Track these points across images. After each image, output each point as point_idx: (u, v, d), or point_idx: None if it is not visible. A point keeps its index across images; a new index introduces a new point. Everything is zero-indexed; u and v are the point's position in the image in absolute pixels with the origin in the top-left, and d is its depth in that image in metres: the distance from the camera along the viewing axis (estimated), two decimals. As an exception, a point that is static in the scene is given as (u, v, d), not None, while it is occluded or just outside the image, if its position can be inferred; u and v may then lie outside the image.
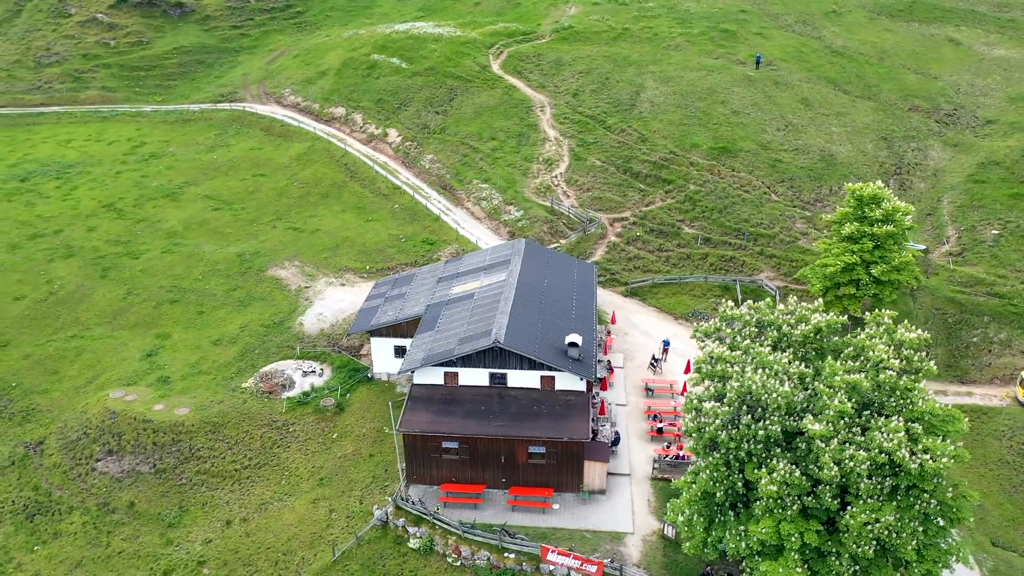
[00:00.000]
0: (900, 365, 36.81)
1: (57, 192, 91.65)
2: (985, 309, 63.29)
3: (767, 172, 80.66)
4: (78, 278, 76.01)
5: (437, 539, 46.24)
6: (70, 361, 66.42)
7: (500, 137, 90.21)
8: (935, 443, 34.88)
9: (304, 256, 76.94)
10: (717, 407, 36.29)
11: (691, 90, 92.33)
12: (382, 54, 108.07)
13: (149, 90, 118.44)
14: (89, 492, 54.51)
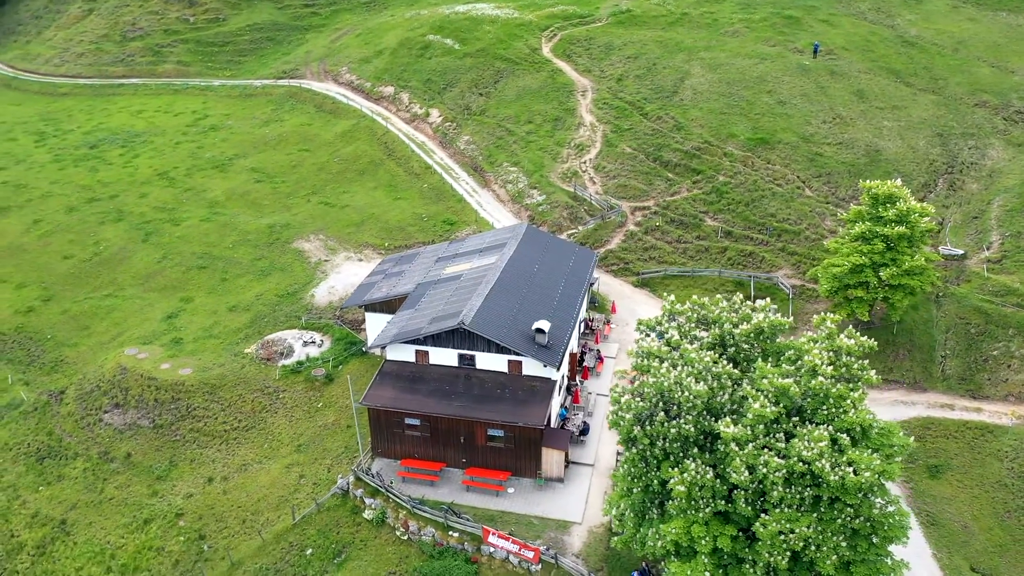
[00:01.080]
0: (836, 372, 35.05)
1: (120, 159, 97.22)
2: (1012, 321, 59.04)
3: (804, 166, 77.35)
4: (122, 241, 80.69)
5: (389, 512, 47.23)
6: (100, 318, 70.80)
7: (537, 120, 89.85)
8: (860, 456, 33.21)
9: (329, 230, 79.12)
10: (631, 401, 35.59)
11: (739, 78, 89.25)
12: (438, 35, 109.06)
13: (221, 65, 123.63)
14: (94, 441, 58.21)
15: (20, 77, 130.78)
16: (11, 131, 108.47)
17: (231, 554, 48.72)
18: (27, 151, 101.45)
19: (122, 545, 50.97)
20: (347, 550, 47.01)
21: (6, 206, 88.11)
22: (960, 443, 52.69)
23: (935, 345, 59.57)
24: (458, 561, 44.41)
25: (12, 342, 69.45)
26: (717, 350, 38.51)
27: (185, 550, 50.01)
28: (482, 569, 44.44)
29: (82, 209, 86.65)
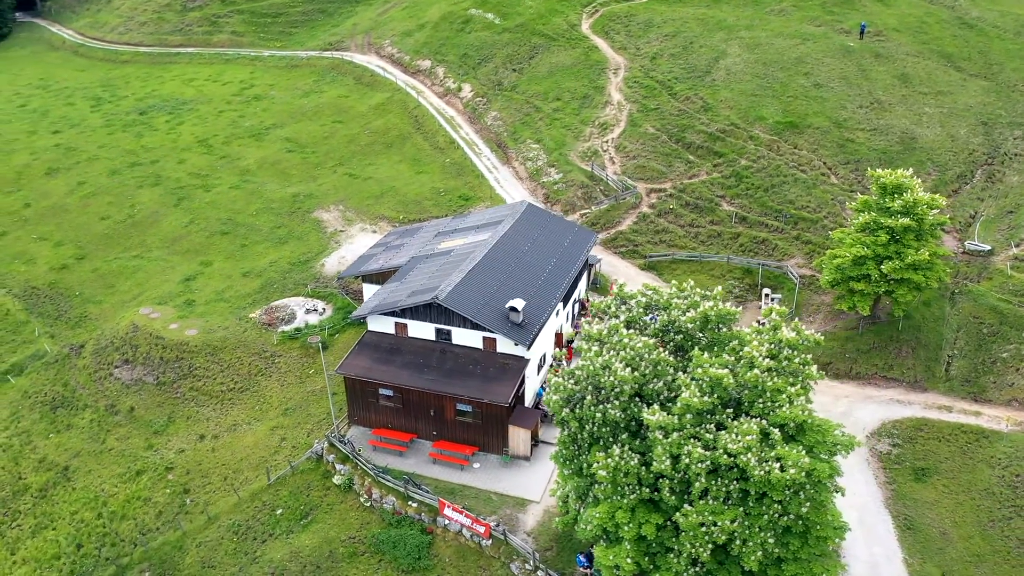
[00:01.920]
0: (772, 364, 34.07)
1: (165, 126, 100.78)
2: (1028, 323, 56.04)
3: (833, 152, 74.56)
4: (156, 205, 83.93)
5: (356, 479, 48.37)
6: (126, 278, 74.03)
7: (565, 98, 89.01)
8: (788, 452, 32.35)
9: (350, 201, 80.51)
10: (560, 383, 35.42)
11: (776, 59, 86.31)
12: (480, 9, 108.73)
13: (272, 36, 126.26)
14: (103, 394, 61.25)
15: (87, 44, 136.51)
16: (71, 96, 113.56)
17: (209, 509, 50.80)
18: (83, 115, 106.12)
19: (114, 493, 53.69)
20: (314, 512, 48.42)
21: (56, 168, 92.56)
22: (952, 447, 50.52)
23: (942, 344, 57.03)
24: (414, 531, 45.26)
25: (44, 297, 73.32)
26: (666, 336, 37.85)
27: (169, 502, 52.36)
28: (436, 540, 45.18)
29: (124, 173, 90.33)
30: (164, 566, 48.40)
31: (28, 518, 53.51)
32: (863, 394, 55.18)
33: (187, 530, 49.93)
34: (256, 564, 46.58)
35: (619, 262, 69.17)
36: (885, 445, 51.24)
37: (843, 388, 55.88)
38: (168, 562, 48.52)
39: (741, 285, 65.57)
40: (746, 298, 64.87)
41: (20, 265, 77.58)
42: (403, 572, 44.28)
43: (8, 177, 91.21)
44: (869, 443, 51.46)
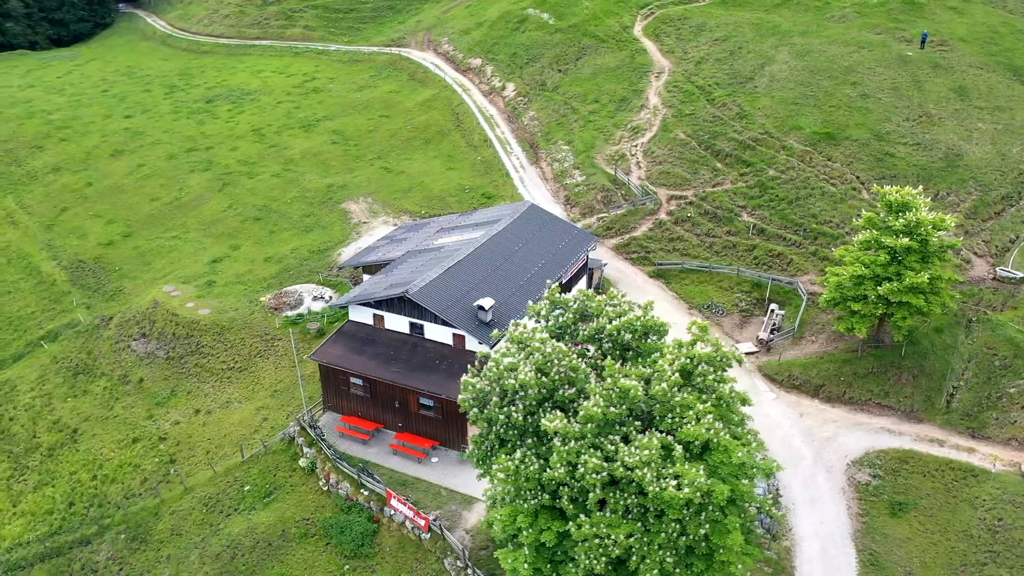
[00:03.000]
0: (677, 380, 33.09)
1: (226, 115, 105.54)
2: (1044, 358, 52.12)
3: (869, 166, 71.14)
4: (202, 189, 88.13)
5: (319, 463, 49.70)
6: (161, 256, 78.14)
7: (603, 100, 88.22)
8: (687, 470, 31.46)
9: (378, 194, 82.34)
10: (468, 382, 35.46)
11: (825, 67, 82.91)
12: (537, 8, 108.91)
13: (342, 31, 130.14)
14: (119, 364, 64.96)
15: (175, 35, 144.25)
16: (150, 83, 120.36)
17: (187, 480, 53.24)
18: (155, 102, 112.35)
19: (110, 458, 56.97)
20: (277, 492, 50.06)
21: (121, 150, 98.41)
22: (936, 483, 47.63)
23: (948, 373, 53.68)
24: (361, 518, 46.18)
25: (88, 270, 78.23)
26: (594, 344, 37.32)
27: (156, 470, 55.16)
28: (381, 529, 45.96)
29: (180, 157, 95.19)
30: (138, 530, 51.08)
31: (33, 474, 57.44)
32: (853, 420, 52.65)
33: (165, 498, 52.49)
34: (217, 536, 48.57)
35: (628, 268, 68.22)
36: (865, 475, 48.80)
37: (833, 412, 53.50)
38: (143, 527, 51.17)
39: (748, 299, 63.63)
40: (752, 312, 62.97)
41: (73, 239, 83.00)
42: (345, 557, 45.30)
43: (78, 157, 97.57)
44: (848, 472, 49.13)
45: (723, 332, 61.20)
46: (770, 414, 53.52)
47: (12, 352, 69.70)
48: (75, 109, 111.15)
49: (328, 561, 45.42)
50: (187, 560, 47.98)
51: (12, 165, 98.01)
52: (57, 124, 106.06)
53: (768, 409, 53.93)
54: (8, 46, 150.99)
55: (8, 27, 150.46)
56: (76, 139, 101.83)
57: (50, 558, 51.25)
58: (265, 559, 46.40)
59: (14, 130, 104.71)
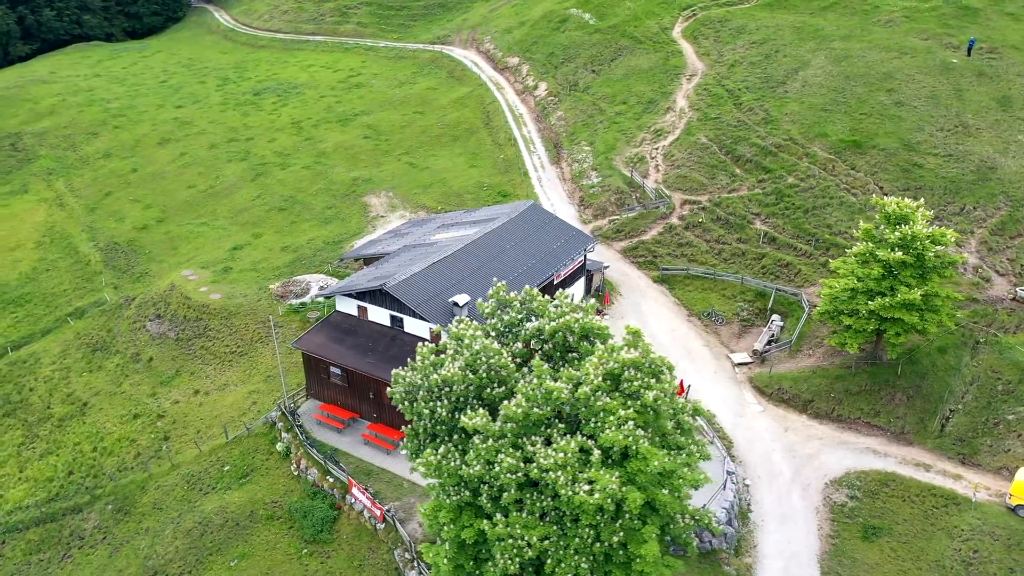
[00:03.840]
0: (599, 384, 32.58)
1: (270, 107, 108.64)
2: (1049, 385, 49.17)
3: (894, 176, 68.32)
4: (236, 178, 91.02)
5: (293, 448, 50.80)
6: (188, 242, 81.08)
7: (631, 102, 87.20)
8: (600, 475, 31.02)
9: (399, 189, 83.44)
10: (398, 375, 35.69)
11: (862, 73, 79.95)
12: (580, 8, 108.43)
13: (392, 28, 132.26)
14: (133, 343, 67.74)
15: (236, 29, 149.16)
16: (206, 75, 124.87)
17: (175, 457, 55.17)
18: (207, 93, 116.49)
19: (111, 432, 59.50)
20: (253, 474, 51.38)
21: (168, 138, 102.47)
22: (915, 509, 45.52)
23: (945, 395, 51.19)
24: (324, 505, 47.02)
25: (121, 252, 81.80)
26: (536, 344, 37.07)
27: (150, 446, 57.35)
28: (341, 517, 46.69)
29: (220, 147, 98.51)
30: (124, 502, 53.22)
31: (42, 443, 60.48)
32: (838, 438, 50.75)
33: (153, 473, 54.53)
34: (192, 513, 50.18)
35: (633, 271, 67.35)
36: (842, 496, 47.03)
37: (819, 429, 51.69)
38: (129, 499, 53.29)
39: (751, 308, 62.04)
40: (753, 322, 61.37)
41: (112, 222, 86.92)
42: (305, 541, 46.20)
43: (127, 144, 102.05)
44: (826, 491, 47.42)
45: (720, 341, 59.87)
46: (754, 427, 52.09)
47: (42, 327, 73.45)
48: (132, 99, 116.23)
49: (288, 544, 46.41)
50: (162, 534, 49.73)
51: (68, 150, 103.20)
52: (113, 112, 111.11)
53: (753, 422, 52.50)
54: (85, 37, 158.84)
55: (86, 19, 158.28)
56: (129, 127, 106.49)
57: (44, 523, 53.88)
58: (231, 538, 47.71)
59: (74, 117, 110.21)
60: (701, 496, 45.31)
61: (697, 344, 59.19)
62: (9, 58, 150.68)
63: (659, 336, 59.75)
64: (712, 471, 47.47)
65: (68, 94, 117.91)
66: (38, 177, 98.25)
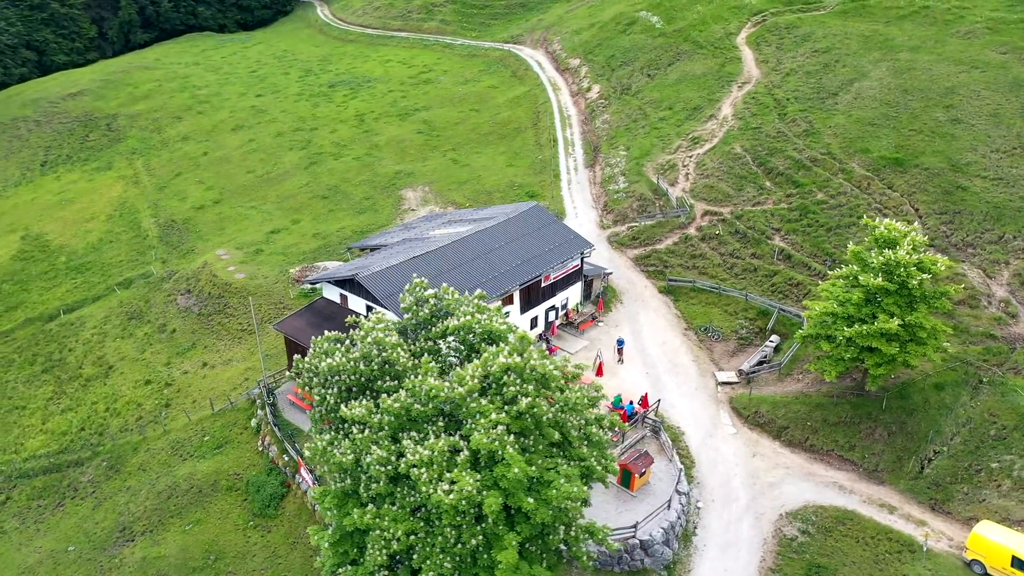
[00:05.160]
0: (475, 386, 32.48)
1: (340, 99, 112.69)
2: (1045, 434, 44.89)
3: (933, 198, 63.87)
4: (292, 166, 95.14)
5: (263, 425, 53.00)
6: (234, 223, 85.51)
7: (676, 108, 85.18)
8: (461, 477, 31.08)
9: (436, 184, 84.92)
10: (299, 361, 36.68)
11: (922, 86, 75.02)
12: (649, 11, 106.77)
13: (473, 27, 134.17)
14: (163, 314, 72.27)
15: (331, 24, 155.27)
16: (290, 67, 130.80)
17: (168, 423, 58.61)
18: (287, 83, 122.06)
19: (124, 395, 63.81)
20: (226, 446, 53.97)
21: (241, 125, 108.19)
22: (867, 552, 42.65)
23: (930, 435, 47.56)
24: (276, 482, 48.87)
25: (176, 229, 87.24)
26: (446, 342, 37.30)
27: (152, 411, 61.15)
28: (289, 495, 48.37)
29: (285, 135, 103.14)
30: (116, 461, 57.05)
31: (66, 399, 65.56)
32: (806, 469, 48.14)
33: (147, 436, 58.20)
34: (167, 477, 53.28)
35: (641, 280, 65.98)
36: (794, 529, 44.64)
37: (789, 458, 49.17)
38: (120, 458, 57.09)
39: (751, 327, 59.63)
40: (751, 341, 58.97)
41: (175, 201, 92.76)
42: (253, 515, 48.20)
43: (205, 129, 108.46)
44: (778, 523, 45.14)
45: (711, 357, 57.85)
46: (721, 449, 50.15)
47: (94, 293, 79.39)
48: (221, 86, 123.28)
49: (239, 515, 48.53)
50: (139, 493, 53.05)
51: (153, 132, 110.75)
52: (200, 99, 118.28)
53: (722, 444, 50.55)
54: (200, 28, 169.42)
55: (200, 11, 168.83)
56: (210, 113, 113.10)
57: (50, 472, 58.48)
58: (192, 503, 50.35)
59: (165, 102, 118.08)
60: (641, 512, 44.33)
61: (686, 359, 57.43)
62: (130, 45, 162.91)
63: (649, 348, 58.47)
64: (661, 489, 46.62)
65: (165, 80, 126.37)
66: (122, 156, 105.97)
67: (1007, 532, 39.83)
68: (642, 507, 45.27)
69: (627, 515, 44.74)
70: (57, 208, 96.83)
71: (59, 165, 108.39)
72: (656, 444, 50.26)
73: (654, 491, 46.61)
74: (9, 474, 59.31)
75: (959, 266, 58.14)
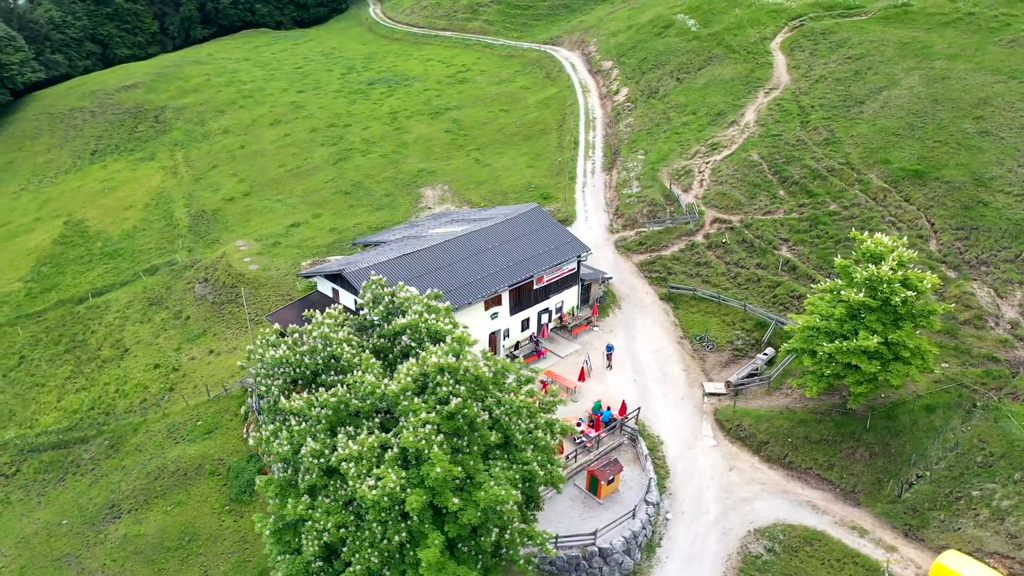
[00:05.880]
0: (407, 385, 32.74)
1: (377, 97, 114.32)
2: (1031, 464, 42.84)
3: (951, 213, 61.54)
4: (321, 161, 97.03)
5: (249, 413, 54.35)
6: (259, 215, 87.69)
7: (700, 112, 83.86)
8: (386, 473, 31.48)
9: (455, 183, 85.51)
10: (251, 349, 37.49)
11: (955, 96, 72.21)
12: (687, 14, 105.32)
13: (515, 27, 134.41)
14: (180, 301, 74.66)
15: (380, 23, 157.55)
16: (335, 64, 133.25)
17: (168, 407, 60.59)
18: (329, 80, 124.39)
19: (134, 377, 66.17)
20: (216, 432, 55.54)
21: (279, 120, 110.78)
22: (831, 575, 41.40)
23: (914, 459, 45.86)
24: (254, 469, 50.06)
25: (205, 220, 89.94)
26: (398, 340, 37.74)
27: (156, 394, 63.28)
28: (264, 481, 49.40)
29: (319, 131, 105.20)
30: (117, 441, 59.26)
31: (82, 379, 68.35)
32: (781, 487, 46.99)
33: (147, 419, 60.26)
34: (158, 458, 55.11)
35: (643, 286, 65.28)
36: (760, 547, 43.68)
37: (766, 473, 48.07)
38: (120, 438, 59.28)
39: (747, 338, 58.47)
40: (746, 352, 57.81)
41: (208, 192, 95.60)
42: (230, 500, 49.51)
43: (244, 123, 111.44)
44: (745, 540, 44.24)
45: (702, 367, 56.90)
46: (699, 461, 49.34)
47: (122, 278, 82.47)
48: (266, 82, 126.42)
49: (216, 499, 49.91)
50: (131, 473, 55.03)
51: (197, 125, 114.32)
52: (245, 93, 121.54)
53: (700, 455, 49.73)
54: (256, 24, 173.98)
55: (257, 8, 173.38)
56: (251, 107, 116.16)
57: (57, 448, 61.09)
58: (176, 485, 51.99)
59: (211, 96, 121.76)
60: (606, 520, 43.98)
61: (676, 368, 56.62)
62: (190, 40, 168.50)
63: (641, 355, 57.89)
64: (630, 498, 46.12)
65: (214, 75, 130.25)
66: (166, 147, 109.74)
67: (971, 563, 38.17)
68: (607, 515, 44.93)
69: (591, 522, 44.49)
70: (100, 196, 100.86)
71: (107, 154, 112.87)
72: (633, 452, 49.78)
73: (622, 499, 46.21)
74: (22, 447, 62.14)
75: (968, 284, 56.00)
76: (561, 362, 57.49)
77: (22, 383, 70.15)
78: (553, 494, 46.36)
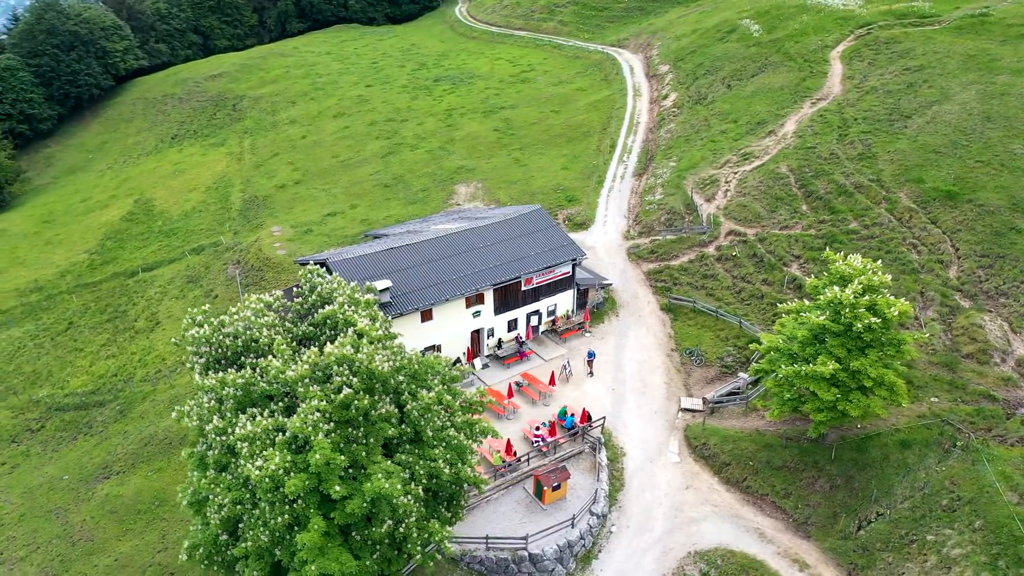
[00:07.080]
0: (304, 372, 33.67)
1: (439, 93, 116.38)
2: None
3: (979, 238, 57.53)
4: (371, 154, 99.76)
5: (237, 391, 56.74)
6: (301, 202, 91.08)
7: (742, 120, 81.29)
8: (272, 455, 32.57)
9: (489, 181, 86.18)
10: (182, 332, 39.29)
11: (1009, 114, 67.31)
12: (753, 19, 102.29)
13: (588, 29, 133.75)
14: (214, 282, 78.61)
15: (461, 21, 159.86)
16: (409, 60, 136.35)
17: (176, 380, 64.03)
18: (398, 76, 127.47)
19: (156, 350, 70.22)
20: (207, 406, 58.16)
21: (344, 112, 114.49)
22: (759, 607, 39.75)
23: (876, 495, 43.30)
24: (227, 443, 52.24)
25: (256, 205, 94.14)
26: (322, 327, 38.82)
27: (170, 366, 66.94)
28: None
29: (378, 124, 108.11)
30: (127, 407, 63.13)
31: (114, 347, 73.08)
32: (734, 511, 45.30)
33: (156, 388, 63.90)
34: (153, 427, 58.41)
35: (646, 295, 64.06)
36: (696, 571, 42.34)
37: (723, 496, 46.45)
38: (130, 405, 63.12)
39: (738, 355, 56.49)
40: (735, 369, 55.90)
41: (264, 179, 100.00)
42: (201, 471, 51.82)
43: (310, 115, 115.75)
44: (683, 562, 42.97)
45: (685, 382, 55.40)
46: (657, 476, 48.19)
47: (171, 256, 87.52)
48: (340, 75, 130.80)
49: (191, 469, 52.36)
50: (129, 437, 58.57)
51: (269, 114, 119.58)
52: (318, 86, 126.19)
53: (659, 471, 48.56)
54: (348, 19, 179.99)
55: (351, 3, 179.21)
56: (320, 99, 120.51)
57: (79, 409, 65.65)
58: (162, 452, 54.99)
59: (286, 87, 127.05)
60: (544, 525, 43.68)
61: (658, 380, 55.38)
62: (286, 33, 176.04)
63: (625, 365, 56.94)
64: (576, 506, 45.59)
65: (294, 67, 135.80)
66: (237, 134, 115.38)
67: (893, 611, 35.77)
68: (547, 520, 44.59)
69: (529, 526, 44.28)
70: (170, 177, 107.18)
71: (185, 139, 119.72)
72: (592, 461, 49.12)
73: (568, 507, 45.70)
74: (51, 406, 67.09)
75: (979, 315, 52.22)
76: (545, 365, 57.24)
77: (65, 347, 75.61)
78: (500, 495, 46.66)
